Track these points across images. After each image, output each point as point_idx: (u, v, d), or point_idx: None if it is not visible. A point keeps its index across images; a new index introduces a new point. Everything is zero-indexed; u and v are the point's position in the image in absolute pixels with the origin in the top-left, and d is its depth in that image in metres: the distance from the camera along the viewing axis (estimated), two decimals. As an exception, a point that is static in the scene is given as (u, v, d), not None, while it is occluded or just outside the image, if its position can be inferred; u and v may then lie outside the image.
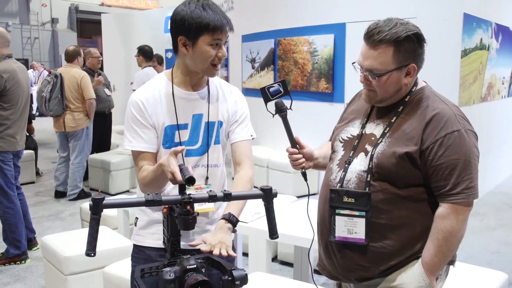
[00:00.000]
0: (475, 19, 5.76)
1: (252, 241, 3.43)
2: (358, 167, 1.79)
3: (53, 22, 22.94)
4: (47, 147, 9.91)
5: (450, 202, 1.69)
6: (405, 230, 1.75)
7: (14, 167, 4.33)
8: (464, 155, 1.69)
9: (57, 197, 6.49)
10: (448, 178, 1.68)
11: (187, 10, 1.83)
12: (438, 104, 1.76)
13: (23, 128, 4.38)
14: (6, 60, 4.25)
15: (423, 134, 1.70)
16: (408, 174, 1.73)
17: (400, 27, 1.69)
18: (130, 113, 1.92)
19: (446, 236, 1.69)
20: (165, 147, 1.94)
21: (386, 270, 1.77)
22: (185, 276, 1.44)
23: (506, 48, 7.09)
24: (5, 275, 4.13)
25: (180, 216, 1.51)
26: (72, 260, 3.32)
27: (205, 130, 1.98)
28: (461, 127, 1.71)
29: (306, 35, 6.60)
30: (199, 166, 1.98)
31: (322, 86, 6.45)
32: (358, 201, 1.75)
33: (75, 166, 6.31)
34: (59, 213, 5.90)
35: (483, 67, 6.25)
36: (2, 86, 4.11)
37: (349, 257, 1.80)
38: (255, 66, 7.57)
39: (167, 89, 1.96)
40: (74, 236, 3.69)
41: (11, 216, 4.27)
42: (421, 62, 1.77)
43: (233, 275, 1.49)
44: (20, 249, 4.34)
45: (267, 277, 2.94)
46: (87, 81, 6.21)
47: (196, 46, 1.84)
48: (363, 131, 1.86)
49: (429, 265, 1.72)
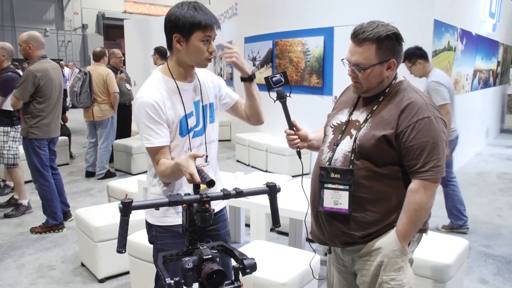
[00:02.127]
0: (443, 24, 5.76)
1: (253, 214, 3.43)
2: (344, 148, 1.80)
3: (83, 28, 22.94)
4: (78, 134, 9.91)
5: (420, 179, 1.71)
6: (383, 203, 1.77)
7: (50, 151, 4.36)
8: (433, 138, 1.69)
9: (87, 177, 6.51)
10: (418, 157, 1.70)
11: (180, 11, 1.81)
12: (413, 95, 1.76)
13: (57, 118, 4.38)
14: (41, 60, 4.24)
15: (399, 120, 1.71)
16: (385, 154, 1.74)
17: (382, 28, 1.70)
18: (145, 113, 1.81)
19: (416, 208, 1.71)
20: (182, 136, 1.91)
21: (365, 236, 1.78)
22: (202, 265, 1.42)
23: (469, 50, 7.09)
24: (46, 241, 4.17)
25: (199, 213, 1.50)
26: (101, 230, 3.34)
27: (203, 113, 1.99)
28: (431, 114, 1.71)
29: (300, 37, 6.58)
30: (202, 145, 1.98)
31: (313, 81, 6.43)
32: (343, 176, 1.76)
33: (102, 150, 6.36)
34: (89, 190, 5.91)
35: (450, 65, 6.24)
36: (36, 83, 4.12)
37: (335, 225, 1.81)
38: (256, 63, 7.55)
39: (170, 85, 1.91)
40: (102, 209, 3.69)
41: (47, 193, 4.30)
42: (400, 58, 1.77)
43: (244, 263, 1.48)
44: (57, 220, 4.37)
45: (266, 244, 2.94)
46: (112, 78, 6.23)
47: (190, 42, 1.83)
48: (350, 118, 1.86)
49: (401, 232, 1.74)
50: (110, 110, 6.32)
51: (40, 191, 4.30)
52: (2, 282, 3.42)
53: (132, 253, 3.03)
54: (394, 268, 1.76)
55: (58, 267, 3.66)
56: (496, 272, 3.57)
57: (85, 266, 3.61)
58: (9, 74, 4.64)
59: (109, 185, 4.67)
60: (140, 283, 3.04)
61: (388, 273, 1.76)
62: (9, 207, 5.08)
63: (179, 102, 1.90)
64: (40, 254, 3.92)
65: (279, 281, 2.42)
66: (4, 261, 3.78)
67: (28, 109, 4.19)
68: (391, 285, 1.75)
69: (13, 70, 4.74)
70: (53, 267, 3.67)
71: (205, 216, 1.49)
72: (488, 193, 5.79)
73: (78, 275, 3.52)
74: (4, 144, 4.81)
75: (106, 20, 23.44)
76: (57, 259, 3.81)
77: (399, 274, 1.76)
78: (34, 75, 4.10)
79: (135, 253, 3.00)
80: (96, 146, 6.42)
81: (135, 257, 3.01)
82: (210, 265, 1.41)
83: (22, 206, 4.93)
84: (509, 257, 3.85)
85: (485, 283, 3.39)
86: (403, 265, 1.77)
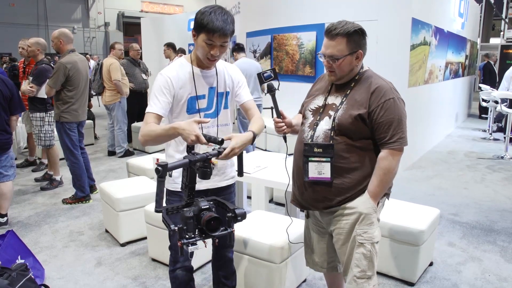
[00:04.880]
0: (420, 22, 5.67)
1: (254, 187, 3.42)
2: (324, 127, 1.84)
3: (106, 25, 22.77)
4: (102, 118, 9.85)
5: (388, 148, 1.79)
6: (358, 171, 1.82)
7: (78, 133, 4.34)
8: (398, 115, 1.78)
9: (109, 155, 6.48)
10: (387, 131, 1.77)
11: (203, 11, 1.77)
12: (378, 81, 1.83)
13: (84, 104, 4.35)
14: (70, 54, 4.20)
15: (369, 101, 1.78)
16: (360, 129, 1.79)
17: (349, 25, 1.77)
18: (158, 86, 1.85)
19: (385, 172, 1.79)
20: (189, 113, 1.90)
21: (343, 200, 1.84)
22: (200, 213, 1.43)
23: (441, 44, 7.00)
24: (76, 211, 4.17)
25: (201, 169, 1.49)
26: (122, 201, 3.33)
27: (217, 99, 1.96)
28: (394, 96, 1.80)
29: (295, 32, 6.48)
30: (214, 127, 1.97)
31: (307, 71, 6.35)
32: (325, 150, 1.81)
33: (117, 131, 6.29)
34: (112, 167, 5.89)
35: (425, 58, 6.15)
36: (67, 73, 4.08)
37: (318, 191, 1.87)
38: (256, 55, 7.45)
39: (187, 69, 1.90)
40: (123, 183, 3.67)
41: (76, 169, 4.28)
42: (365, 49, 1.83)
43: (235, 212, 1.48)
44: (84, 193, 4.37)
45: (266, 214, 2.93)
46: (114, 67, 6.00)
47: (198, 40, 1.80)
48: (325, 102, 1.90)
49: (373, 192, 1.82)
50: (116, 96, 6.15)
51: (71, 168, 4.29)
52: (40, 245, 3.43)
53: (149, 221, 3.02)
54: (367, 223, 1.83)
55: (86, 233, 3.67)
56: (462, 236, 3.57)
57: (109, 232, 3.61)
58: (43, 66, 4.59)
59: (128, 163, 4.65)
60: (156, 247, 3.05)
61: (362, 227, 1.83)
62: (44, 181, 5.09)
63: (191, 84, 1.89)
64: (70, 221, 3.92)
65: (276, 245, 2.42)
66: (41, 227, 3.78)
67: (60, 96, 4.16)
68: (363, 237, 1.83)
69: (46, 63, 4.68)
70: (82, 232, 3.68)
71: (206, 171, 1.51)
72: (456, 169, 5.78)
73: (103, 240, 3.52)
74: (41, 129, 4.79)
75: (126, 19, 23.18)
76: (85, 226, 3.81)
77: (370, 228, 1.83)
78: (65, 66, 4.06)
79: (151, 221, 3.00)
80: (113, 128, 6.36)
81: (151, 225, 3.01)
82: (208, 213, 1.41)
83: (56, 181, 4.92)
84: (473, 224, 3.85)
85: (452, 245, 3.39)
86: (374, 221, 1.85)
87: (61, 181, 4.97)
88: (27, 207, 4.31)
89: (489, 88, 8.13)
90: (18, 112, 3.72)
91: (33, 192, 4.79)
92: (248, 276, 2.56)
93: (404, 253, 2.71)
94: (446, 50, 7.42)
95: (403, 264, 2.73)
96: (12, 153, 3.72)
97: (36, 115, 4.79)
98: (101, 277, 2.91)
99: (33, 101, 4.76)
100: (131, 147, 6.85)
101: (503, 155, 6.45)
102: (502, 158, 6.36)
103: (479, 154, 6.65)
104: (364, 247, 1.83)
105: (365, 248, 1.83)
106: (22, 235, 3.53)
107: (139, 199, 3.38)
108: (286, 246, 2.45)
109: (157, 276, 2.91)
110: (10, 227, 3.75)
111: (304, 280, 2.79)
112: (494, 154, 6.64)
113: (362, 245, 1.83)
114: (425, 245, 2.73)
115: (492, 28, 18.21)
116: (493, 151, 6.83)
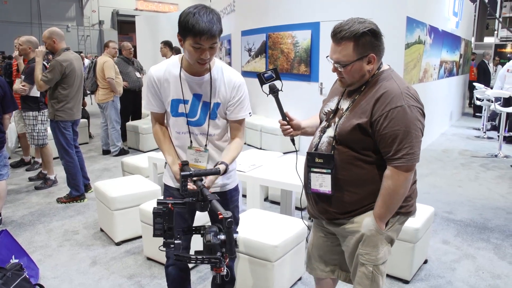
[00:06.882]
0: (415, 21, 5.70)
1: (250, 186, 3.42)
2: (329, 134, 1.71)
3: (100, 24, 22.64)
4: (96, 116, 9.77)
5: (392, 166, 1.58)
6: (361, 185, 1.68)
7: (73, 132, 4.30)
8: (405, 127, 1.53)
9: (104, 154, 6.45)
10: (391, 145, 1.56)
11: (187, 13, 1.63)
12: (390, 84, 1.60)
13: (79, 103, 4.32)
14: (65, 52, 4.18)
15: (373, 109, 1.58)
16: (361, 140, 1.62)
17: (358, 25, 1.55)
18: (146, 84, 1.93)
19: (389, 192, 1.61)
20: (173, 115, 1.89)
21: (345, 215, 1.72)
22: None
23: (436, 43, 7.04)
24: (70, 210, 4.15)
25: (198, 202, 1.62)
26: (117, 200, 3.32)
27: (202, 108, 1.87)
28: (404, 103, 1.54)
29: (290, 30, 6.48)
30: (200, 134, 1.90)
31: (302, 69, 6.35)
32: (325, 161, 1.68)
33: (110, 130, 6.25)
34: (106, 166, 5.87)
35: (420, 56, 6.18)
36: (63, 71, 4.06)
37: (321, 204, 1.77)
38: (251, 54, 7.44)
39: (176, 71, 1.84)
40: (118, 182, 3.66)
41: (71, 168, 4.26)
42: (380, 51, 1.63)
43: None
44: (79, 192, 4.34)
45: (260, 212, 2.94)
46: (108, 65, 5.97)
47: (185, 45, 1.69)
48: (338, 106, 1.77)
49: (377, 214, 1.67)
50: (110, 95, 6.10)
51: (65, 167, 4.26)
52: (35, 244, 3.41)
53: (144, 220, 3.02)
54: (370, 245, 1.71)
55: (81, 232, 3.65)
56: (456, 234, 3.60)
57: (104, 231, 3.60)
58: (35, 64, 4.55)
59: (123, 161, 4.63)
60: (151, 246, 3.04)
61: (364, 248, 1.72)
62: (38, 180, 5.06)
63: (178, 87, 1.84)
64: (65, 220, 3.90)
65: (271, 244, 2.43)
66: (36, 227, 3.76)
67: (54, 95, 4.13)
68: (365, 258, 1.72)
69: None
70: (77, 232, 3.66)
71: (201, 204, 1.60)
72: (451, 167, 5.81)
73: (98, 239, 3.51)
74: (34, 128, 4.76)
75: (120, 17, 23.06)
76: (79, 225, 3.80)
77: (373, 250, 1.71)
78: (61, 64, 4.04)
79: (146, 220, 2.99)
80: (107, 127, 6.33)
81: (146, 223, 3.00)
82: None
83: (50, 180, 4.90)
84: (467, 221, 3.88)
85: (447, 243, 3.42)
86: (378, 243, 1.71)
87: (55, 180, 4.94)
88: (21, 206, 4.28)
89: (483, 87, 8.19)
90: (10, 110, 3.69)
91: (27, 191, 4.76)
92: (244, 274, 2.56)
93: (399, 251, 2.72)
94: (441, 49, 7.46)
95: (397, 261, 2.75)
96: (6, 152, 3.70)
97: (29, 114, 4.76)
98: (96, 276, 2.91)
99: (26, 100, 4.74)
100: (126, 145, 6.82)
101: (496, 153, 6.51)
102: (496, 157, 6.41)
103: (473, 153, 6.69)
104: (365, 268, 1.73)
105: (366, 269, 1.73)
106: (16, 235, 3.51)
107: (134, 197, 3.37)
108: (281, 244, 2.45)
109: (152, 275, 2.91)
110: (4, 227, 3.72)
111: (300, 278, 2.80)
112: (488, 152, 6.69)
113: (364, 265, 1.73)
114: (419, 243, 2.75)
115: (486, 27, 18.35)
116: (487, 150, 6.89)
